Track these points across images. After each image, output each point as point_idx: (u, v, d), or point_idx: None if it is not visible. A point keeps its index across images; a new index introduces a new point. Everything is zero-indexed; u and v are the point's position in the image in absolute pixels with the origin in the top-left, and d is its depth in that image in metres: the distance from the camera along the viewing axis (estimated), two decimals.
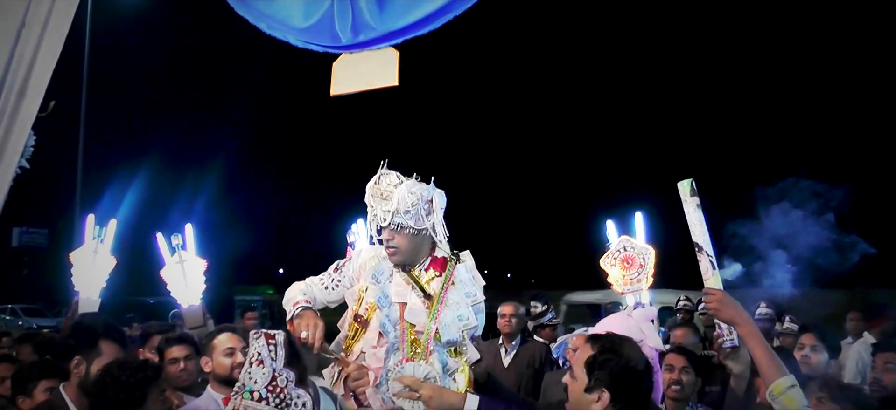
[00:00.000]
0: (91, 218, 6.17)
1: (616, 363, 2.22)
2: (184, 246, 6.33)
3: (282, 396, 2.14)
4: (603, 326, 2.88)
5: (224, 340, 3.51)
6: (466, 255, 3.09)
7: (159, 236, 6.36)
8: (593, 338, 2.39)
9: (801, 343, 4.30)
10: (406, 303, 2.89)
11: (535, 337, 6.84)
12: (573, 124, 35.05)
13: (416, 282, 2.90)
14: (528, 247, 34.31)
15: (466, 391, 2.69)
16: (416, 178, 2.96)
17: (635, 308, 6.60)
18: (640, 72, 32.70)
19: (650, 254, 6.66)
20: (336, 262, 3.22)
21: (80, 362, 2.99)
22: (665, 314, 9.96)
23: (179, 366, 3.85)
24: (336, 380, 2.94)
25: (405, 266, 2.94)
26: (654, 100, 32.44)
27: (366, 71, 3.24)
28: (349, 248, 6.03)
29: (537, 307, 7.11)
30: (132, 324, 8.01)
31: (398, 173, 2.93)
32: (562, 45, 33.07)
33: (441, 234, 3.00)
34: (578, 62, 33.67)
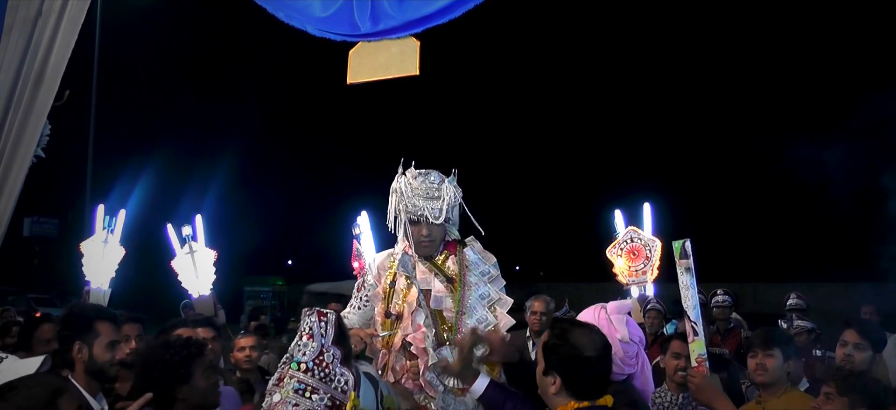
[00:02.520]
0: (101, 208, 6.21)
1: (564, 349, 2.33)
2: (194, 237, 6.36)
3: (327, 371, 2.22)
4: (580, 318, 2.98)
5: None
6: (471, 240, 3.23)
7: (170, 227, 6.40)
8: (552, 324, 2.53)
9: (844, 340, 3.85)
10: (430, 290, 3.03)
11: None
12: (583, 114, 34.87)
13: (439, 269, 3.07)
14: (536, 239, 34.17)
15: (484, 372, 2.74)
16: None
17: (640, 299, 6.61)
18: (653, 61, 32.54)
19: (657, 246, 6.65)
20: (356, 283, 3.36)
21: (81, 347, 2.95)
22: (677, 308, 9.91)
23: (206, 348, 3.88)
24: (382, 373, 3.03)
25: (431, 255, 3.10)
26: (666, 90, 32.27)
27: (385, 60, 3.25)
28: (354, 241, 6.07)
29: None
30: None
31: (435, 171, 3.08)
32: (573, 37, 32.92)
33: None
34: (589, 53, 33.51)
